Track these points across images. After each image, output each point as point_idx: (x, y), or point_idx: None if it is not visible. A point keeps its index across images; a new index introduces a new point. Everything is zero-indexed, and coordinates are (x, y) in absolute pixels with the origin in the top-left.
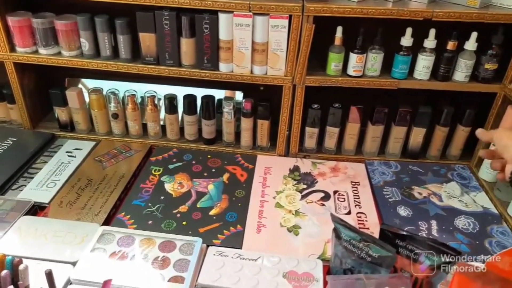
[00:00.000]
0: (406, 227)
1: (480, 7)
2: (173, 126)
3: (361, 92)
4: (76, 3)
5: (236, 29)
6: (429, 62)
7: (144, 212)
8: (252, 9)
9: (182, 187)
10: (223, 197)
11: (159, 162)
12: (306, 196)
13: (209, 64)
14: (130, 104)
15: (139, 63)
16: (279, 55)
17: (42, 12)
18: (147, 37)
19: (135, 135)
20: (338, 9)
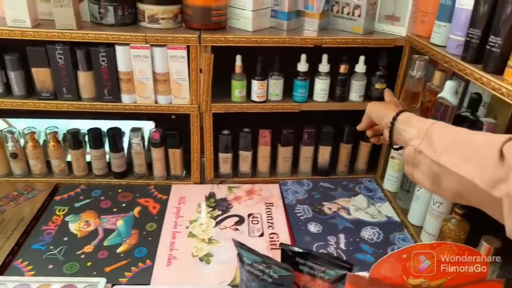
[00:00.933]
0: (316, 243)
1: (364, 33)
2: (79, 161)
3: (267, 115)
4: None
5: (134, 60)
6: (325, 85)
7: (45, 256)
8: (149, 41)
9: (88, 226)
10: (133, 232)
11: (64, 201)
12: (221, 222)
13: (110, 96)
14: (30, 142)
15: (35, 98)
16: (181, 84)
17: None
18: (41, 72)
19: (39, 174)
20: (233, 39)
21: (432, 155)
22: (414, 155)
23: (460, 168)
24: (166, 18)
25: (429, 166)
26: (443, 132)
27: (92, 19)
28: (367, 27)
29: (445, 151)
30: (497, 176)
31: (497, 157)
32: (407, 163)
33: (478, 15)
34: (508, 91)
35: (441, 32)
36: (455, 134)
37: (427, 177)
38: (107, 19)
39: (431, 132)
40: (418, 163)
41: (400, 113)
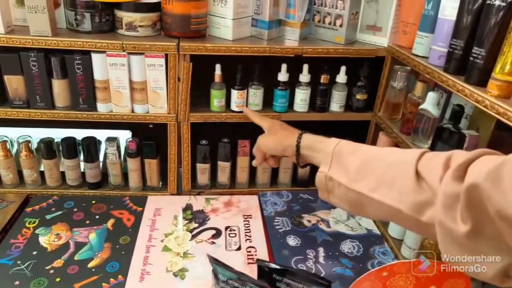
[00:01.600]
0: (295, 257)
1: (346, 43)
2: (52, 172)
3: (247, 125)
4: None
5: (111, 68)
6: (305, 95)
7: (11, 271)
8: (126, 49)
9: (59, 239)
10: (105, 245)
11: (35, 213)
12: (197, 236)
13: (85, 105)
14: (1, 151)
15: (7, 107)
16: (159, 93)
17: None
18: (13, 79)
19: (10, 184)
20: (213, 48)
21: (346, 182)
22: (325, 182)
23: (379, 194)
24: (145, 26)
25: (345, 192)
26: (351, 152)
27: (68, 26)
28: (349, 37)
29: (359, 176)
30: (420, 199)
31: (414, 178)
32: (320, 189)
33: (461, 25)
34: (491, 104)
35: (423, 43)
36: (365, 154)
37: (345, 203)
38: (83, 26)
39: (338, 154)
40: (331, 189)
41: (300, 138)
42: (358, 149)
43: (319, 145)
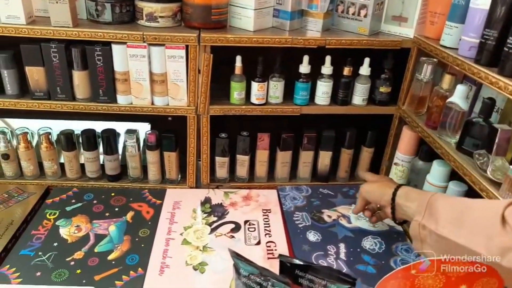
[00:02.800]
0: (315, 253)
1: (370, 35)
2: (72, 163)
3: (266, 118)
4: None
5: (131, 60)
6: (328, 88)
7: (33, 262)
8: (146, 40)
9: (79, 231)
10: (125, 238)
11: (56, 205)
12: (216, 229)
13: (105, 96)
14: (22, 143)
15: (28, 98)
16: (179, 85)
17: None
18: (34, 71)
19: (30, 176)
20: (234, 39)
21: (435, 228)
22: (419, 230)
23: (464, 240)
24: (165, 17)
25: (435, 240)
26: (444, 200)
27: (88, 17)
28: (373, 28)
29: (447, 222)
30: (504, 244)
31: (499, 223)
32: (414, 239)
33: (495, 15)
34: None
35: (452, 34)
36: (455, 203)
37: (436, 251)
38: (104, 17)
39: (432, 204)
40: (424, 238)
41: (398, 188)
42: (450, 200)
43: (415, 195)
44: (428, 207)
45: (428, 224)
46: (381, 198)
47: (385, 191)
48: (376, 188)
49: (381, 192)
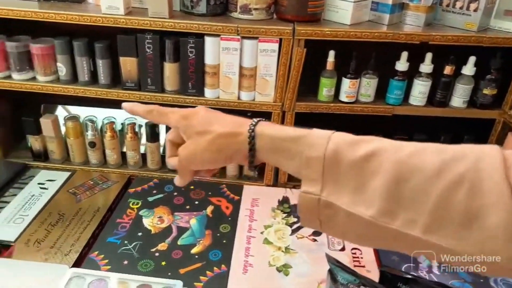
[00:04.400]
0: (405, 264)
1: (478, 31)
2: (154, 155)
3: (354, 118)
4: (53, 26)
5: (223, 53)
6: (425, 87)
7: (120, 250)
8: (240, 33)
9: (162, 222)
10: (207, 232)
11: (138, 194)
12: (297, 231)
13: (194, 89)
14: (108, 132)
15: (119, 88)
16: (268, 80)
17: (17, 35)
18: (128, 61)
19: (113, 164)
20: (330, 33)
21: (363, 213)
22: (318, 208)
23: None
24: (259, 9)
25: (359, 224)
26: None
27: (182, 8)
28: (482, 24)
29: (392, 204)
30: None
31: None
32: (305, 214)
33: None
34: None
35: None
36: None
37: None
38: (198, 9)
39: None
40: (330, 218)
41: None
42: (376, 150)
43: (290, 145)
44: (328, 169)
45: (335, 200)
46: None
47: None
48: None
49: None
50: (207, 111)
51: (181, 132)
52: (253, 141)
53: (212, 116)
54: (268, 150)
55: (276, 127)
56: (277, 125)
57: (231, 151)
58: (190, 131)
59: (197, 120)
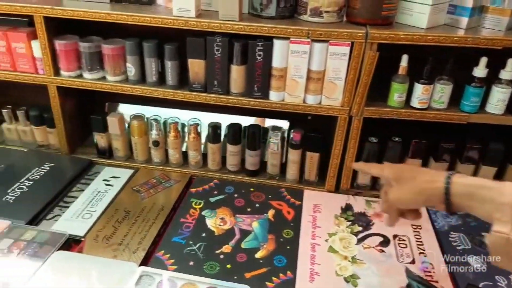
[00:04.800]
0: (482, 282)
1: None
2: (215, 155)
3: (423, 125)
4: (123, 27)
5: (292, 56)
6: (504, 95)
7: (185, 251)
8: (311, 36)
9: (224, 224)
10: (269, 237)
11: (200, 194)
12: (363, 240)
13: (259, 92)
14: (172, 131)
15: (185, 90)
16: (336, 84)
17: (89, 36)
18: (196, 63)
19: (175, 163)
20: (406, 37)
21: None
22: (507, 246)
23: None
24: (330, 12)
25: None
26: None
27: (250, 11)
28: None
29: None
30: None
31: None
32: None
33: None
34: None
35: None
36: None
37: None
38: (268, 11)
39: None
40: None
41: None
42: None
43: (484, 193)
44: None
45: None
46: (428, 201)
47: (430, 191)
48: (414, 193)
49: (426, 194)
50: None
51: (393, 180)
52: (448, 185)
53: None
54: (462, 196)
55: (469, 178)
56: (468, 176)
57: (429, 194)
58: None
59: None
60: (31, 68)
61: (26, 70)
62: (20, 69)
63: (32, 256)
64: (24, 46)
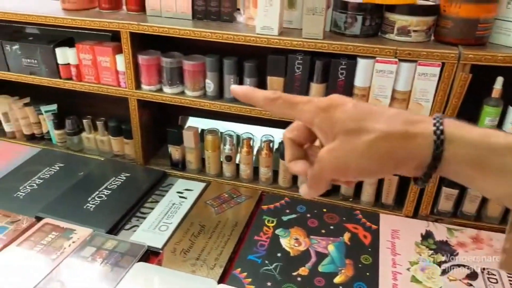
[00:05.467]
0: None
1: None
2: (286, 173)
3: None
4: (201, 43)
5: (377, 75)
6: None
7: (261, 270)
8: (399, 55)
9: (299, 244)
10: (347, 262)
11: (271, 212)
12: (448, 272)
13: None
14: (245, 147)
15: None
16: (423, 105)
17: (168, 51)
18: (275, 80)
19: (246, 179)
20: (504, 58)
21: None
22: None
23: None
24: (419, 31)
25: None
26: None
27: (332, 29)
28: None
29: None
30: None
31: None
32: None
33: None
34: None
35: None
36: None
37: None
38: (352, 30)
39: None
40: None
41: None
42: None
43: (508, 160)
44: None
45: None
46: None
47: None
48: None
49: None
50: (357, 102)
51: (316, 129)
52: (440, 148)
53: (365, 108)
54: (467, 162)
55: (475, 130)
56: (472, 126)
57: (400, 159)
58: (335, 128)
59: (344, 113)
60: (114, 81)
61: (109, 82)
62: (103, 82)
63: (114, 266)
64: (109, 60)
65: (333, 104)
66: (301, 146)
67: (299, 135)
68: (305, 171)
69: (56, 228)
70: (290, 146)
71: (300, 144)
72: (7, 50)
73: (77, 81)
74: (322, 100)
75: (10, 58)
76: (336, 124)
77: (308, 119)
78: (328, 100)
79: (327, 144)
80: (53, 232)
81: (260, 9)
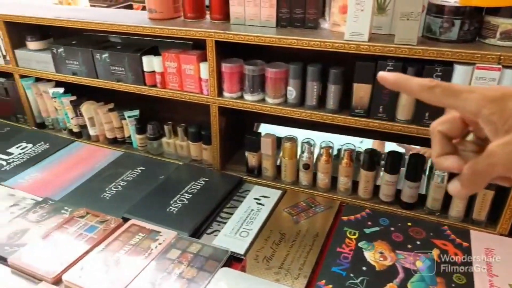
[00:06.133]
0: None
1: None
2: (368, 184)
3: None
4: (283, 51)
5: (476, 82)
6: None
7: (347, 283)
8: (503, 62)
9: (384, 259)
10: (438, 280)
11: (352, 224)
12: None
13: (430, 119)
14: (324, 156)
15: (346, 114)
16: None
17: (250, 59)
18: (362, 88)
19: (323, 188)
20: None
21: None
22: None
23: None
24: None
25: None
26: None
27: (425, 34)
28: None
29: None
30: None
31: None
32: None
33: None
34: None
35: None
36: None
37: None
38: (448, 35)
39: None
40: None
41: None
42: None
43: None
44: None
45: None
46: None
47: None
48: None
49: None
50: None
51: (484, 120)
52: None
53: None
54: None
55: None
56: None
57: None
58: (510, 121)
59: None
60: (197, 88)
61: (192, 90)
62: (186, 89)
63: (200, 270)
64: (193, 67)
65: (506, 95)
66: (451, 140)
67: (452, 128)
68: (459, 167)
69: (142, 230)
70: (440, 140)
71: (451, 138)
72: (97, 59)
73: (161, 88)
74: (490, 90)
75: (100, 66)
76: (511, 117)
77: (474, 109)
78: (498, 90)
79: (497, 138)
80: (139, 233)
81: (350, 14)
